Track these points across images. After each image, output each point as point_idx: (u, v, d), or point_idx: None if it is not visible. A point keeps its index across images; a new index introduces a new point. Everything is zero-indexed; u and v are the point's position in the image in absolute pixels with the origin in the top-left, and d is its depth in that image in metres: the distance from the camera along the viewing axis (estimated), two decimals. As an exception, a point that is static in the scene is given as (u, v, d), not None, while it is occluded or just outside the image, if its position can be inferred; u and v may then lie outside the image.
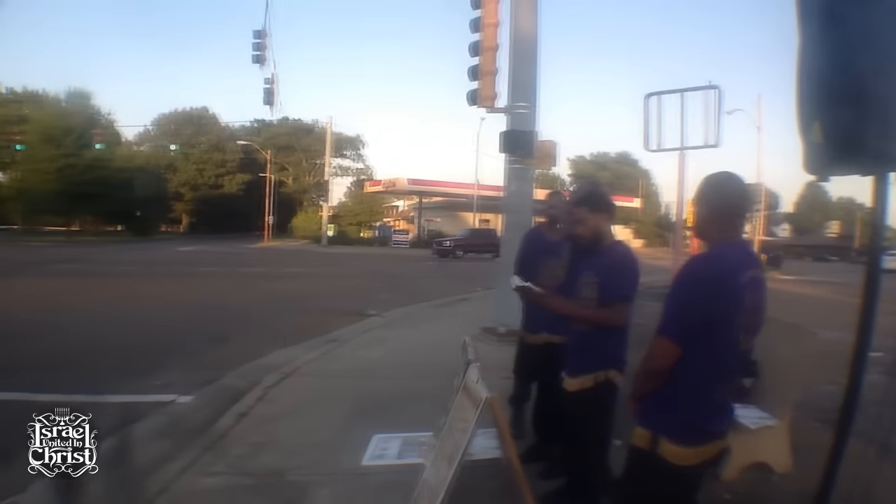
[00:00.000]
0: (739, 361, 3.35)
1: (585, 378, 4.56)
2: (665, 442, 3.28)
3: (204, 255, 46.34)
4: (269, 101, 32.34)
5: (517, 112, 13.08)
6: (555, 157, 13.93)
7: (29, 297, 19.92)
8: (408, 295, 20.79)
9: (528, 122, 13.07)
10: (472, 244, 53.19)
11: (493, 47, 13.36)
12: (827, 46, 3.67)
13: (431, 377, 8.30)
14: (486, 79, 13.30)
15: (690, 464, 3.28)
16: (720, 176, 3.39)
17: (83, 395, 8.58)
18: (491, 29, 13.35)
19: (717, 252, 3.29)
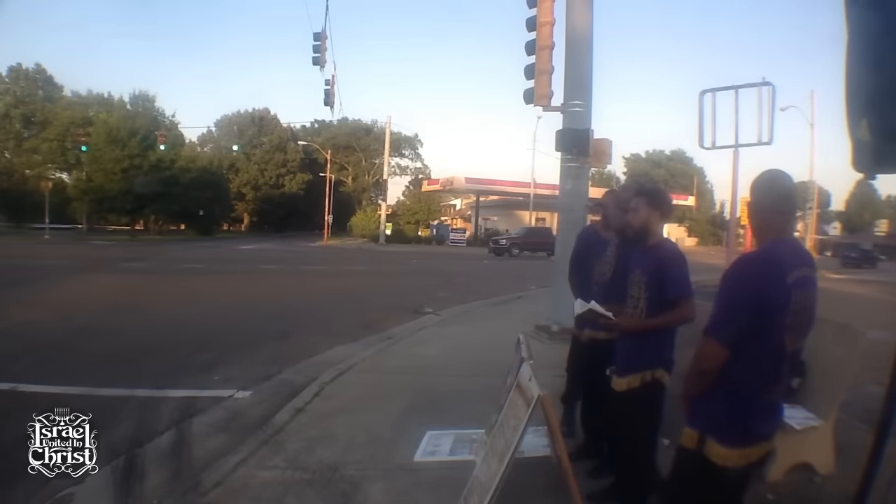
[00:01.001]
0: (789, 362, 3.28)
1: (633, 377, 4.50)
2: (712, 443, 3.24)
3: (264, 253, 46.77)
4: (329, 102, 32.54)
5: (572, 110, 12.97)
6: (610, 155, 13.79)
7: (95, 294, 20.27)
8: (464, 293, 20.78)
9: (583, 121, 12.96)
10: (527, 242, 52.93)
11: (549, 46, 13.25)
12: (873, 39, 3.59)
13: (485, 374, 8.28)
14: (541, 77, 13.21)
15: (736, 465, 3.22)
16: (769, 174, 3.33)
17: (145, 390, 8.75)
18: (546, 27, 13.25)
19: (765, 251, 3.22)
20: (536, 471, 4.49)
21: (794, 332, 3.18)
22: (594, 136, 13.14)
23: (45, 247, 49.21)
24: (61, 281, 24.51)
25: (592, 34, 13.34)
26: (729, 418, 3.22)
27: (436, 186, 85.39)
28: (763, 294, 3.04)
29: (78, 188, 79.93)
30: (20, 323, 14.17)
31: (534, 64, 13.34)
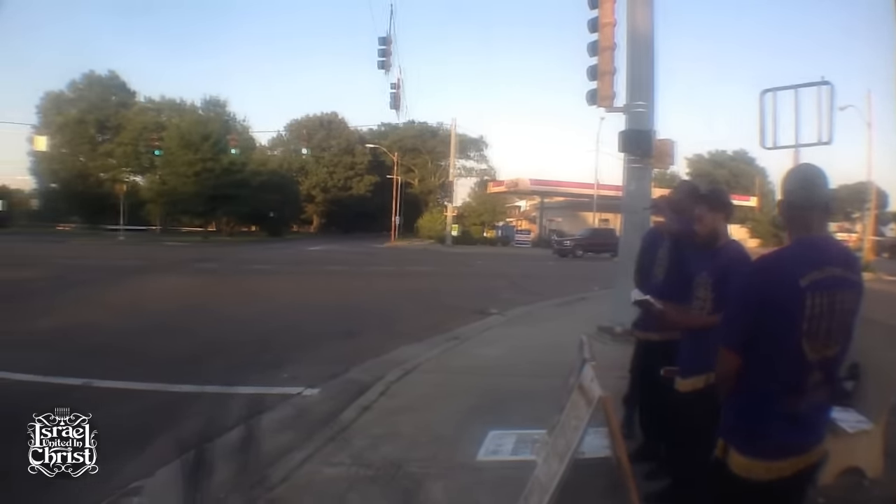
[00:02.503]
0: (823, 371, 3.11)
1: (697, 379, 4.42)
2: (732, 451, 3.09)
3: (333, 254, 47.10)
4: (396, 105, 32.79)
5: (635, 111, 12.85)
6: (672, 155, 13.65)
7: (167, 294, 20.66)
8: (528, 294, 20.72)
9: (645, 121, 12.83)
10: (591, 244, 52.51)
11: (611, 47, 13.16)
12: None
13: (548, 375, 8.24)
14: (604, 78, 13.12)
15: (761, 478, 3.01)
16: (795, 169, 3.16)
17: (215, 387, 8.89)
18: (608, 28, 13.16)
19: (777, 252, 3.07)
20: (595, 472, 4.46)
21: (816, 338, 2.93)
22: (657, 137, 13.01)
23: (119, 248, 50.24)
24: (135, 281, 25.02)
25: (654, 34, 13.20)
26: (745, 426, 3.06)
27: (501, 188, 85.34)
28: (768, 297, 2.89)
29: (152, 191, 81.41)
30: (94, 321, 14.51)
31: (596, 65, 13.25)
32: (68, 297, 19.30)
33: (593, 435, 3.97)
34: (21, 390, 8.72)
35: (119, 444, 6.57)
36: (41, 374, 9.36)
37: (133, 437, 6.87)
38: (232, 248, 55.79)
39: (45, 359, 10.41)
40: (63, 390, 8.75)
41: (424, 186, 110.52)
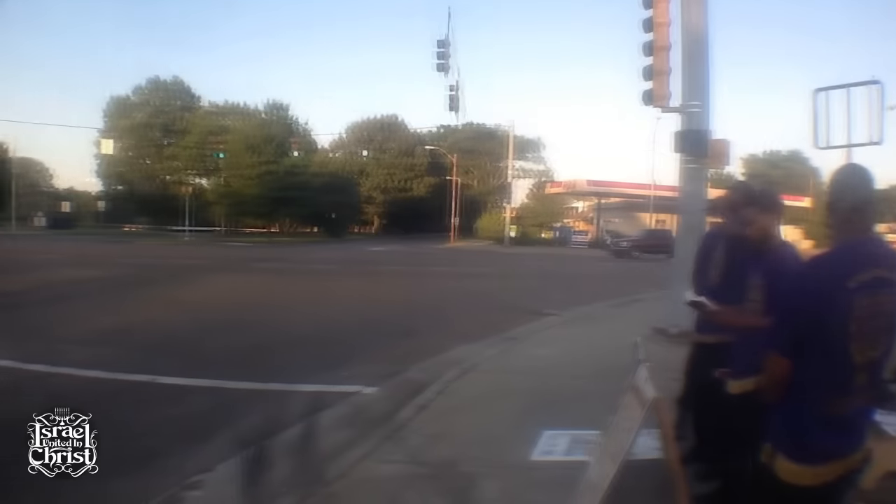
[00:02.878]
0: (867, 373, 3.05)
1: (747, 381, 4.37)
2: (780, 457, 3.05)
3: (393, 254, 47.28)
4: (454, 107, 32.79)
5: (690, 111, 12.69)
6: (728, 156, 13.46)
7: (233, 292, 20.97)
8: (584, 295, 20.60)
9: (701, 121, 12.67)
10: (647, 245, 51.94)
11: (666, 46, 13.01)
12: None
13: (603, 376, 8.18)
14: (659, 78, 12.99)
15: (806, 484, 2.95)
16: (841, 169, 3.12)
17: (277, 384, 9.01)
18: (662, 28, 13.02)
19: (825, 254, 3.02)
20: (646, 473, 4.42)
21: (863, 340, 2.88)
22: (712, 137, 12.86)
23: (185, 248, 51.02)
24: (199, 280, 25.38)
25: (708, 33, 13.05)
26: (792, 431, 3.01)
27: (559, 189, 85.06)
28: (817, 301, 2.85)
29: (216, 193, 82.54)
30: (161, 319, 14.80)
31: (651, 65, 13.13)
32: (135, 295, 19.71)
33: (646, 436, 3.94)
34: (89, 386, 8.88)
35: (182, 440, 6.72)
36: (109, 370, 9.60)
37: (195, 432, 7.00)
38: (294, 248, 56.32)
39: (112, 355, 10.71)
40: (129, 386, 8.96)
41: (483, 188, 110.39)
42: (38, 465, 4.45)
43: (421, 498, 5.25)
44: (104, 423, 7.39)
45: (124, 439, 6.71)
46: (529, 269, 35.61)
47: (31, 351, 10.68)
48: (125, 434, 6.91)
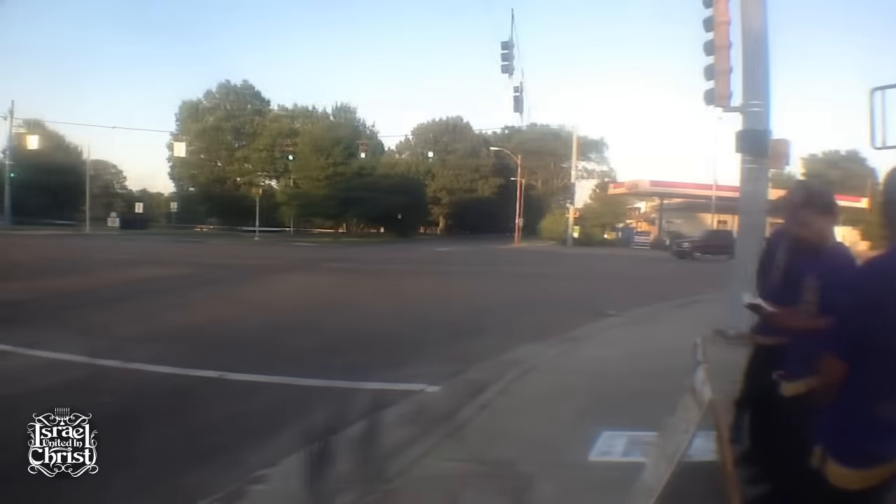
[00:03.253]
0: None
1: (801, 383, 4.32)
2: (830, 461, 3.00)
3: (458, 255, 47.38)
4: (518, 108, 32.65)
5: (751, 111, 12.51)
6: (788, 156, 13.28)
7: (301, 291, 21.25)
8: (646, 296, 20.42)
9: (761, 121, 12.49)
10: (708, 245, 51.23)
11: (726, 45, 12.85)
12: None
13: (663, 377, 8.10)
14: (720, 78, 12.84)
15: (854, 488, 2.90)
16: (892, 170, 3.08)
17: (343, 381, 9.04)
18: (722, 27, 12.87)
19: (880, 257, 2.96)
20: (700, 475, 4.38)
21: None
22: (773, 137, 12.69)
23: (254, 248, 51.74)
24: (268, 279, 25.73)
25: (767, 32, 12.85)
26: (842, 435, 2.96)
27: (621, 190, 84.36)
28: (873, 303, 2.79)
29: (286, 194, 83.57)
30: (230, 316, 15.07)
31: (713, 64, 13.00)
32: (206, 293, 20.04)
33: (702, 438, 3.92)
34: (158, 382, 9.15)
35: (248, 435, 6.83)
36: (179, 366, 9.80)
37: (262, 428, 7.12)
38: (361, 248, 56.74)
39: (182, 352, 10.92)
40: (198, 382, 9.12)
41: (547, 188, 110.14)
42: (38, 465, 4.46)
43: (479, 496, 5.28)
44: (173, 418, 7.61)
45: (192, 434, 6.89)
46: (591, 270, 35.39)
47: (103, 347, 10.92)
48: (193, 429, 7.08)
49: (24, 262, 28.98)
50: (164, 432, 6.95)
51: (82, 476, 5.60)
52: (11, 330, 12.11)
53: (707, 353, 4.33)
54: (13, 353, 10.44)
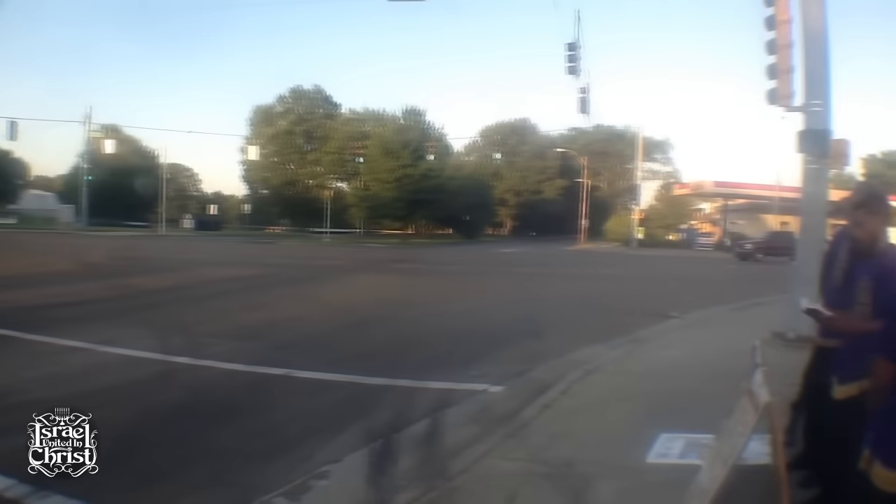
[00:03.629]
0: None
1: (851, 386, 4.25)
2: (877, 464, 2.95)
3: (523, 256, 47.33)
4: (584, 110, 32.50)
5: (812, 110, 12.31)
6: (848, 156, 13.07)
7: (369, 291, 21.47)
8: (707, 297, 20.20)
9: (822, 121, 12.27)
10: (770, 247, 50.25)
11: (787, 44, 12.64)
12: None
13: (722, 379, 8.01)
14: (782, 77, 12.64)
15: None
16: None
17: (407, 380, 9.14)
18: (784, 26, 12.67)
19: None
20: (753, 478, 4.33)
21: None
22: (833, 137, 12.48)
23: (324, 248, 52.29)
24: (337, 279, 26.00)
25: (827, 31, 12.63)
26: (888, 438, 2.93)
27: (686, 190, 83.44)
28: None
29: (355, 196, 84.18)
30: (298, 316, 15.26)
31: (775, 63, 12.82)
32: (277, 293, 20.35)
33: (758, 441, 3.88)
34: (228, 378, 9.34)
35: (313, 431, 6.93)
36: (248, 363, 9.98)
37: (326, 425, 7.21)
38: (429, 249, 56.95)
39: (253, 350, 11.11)
40: (266, 379, 9.29)
41: (612, 189, 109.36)
42: (38, 465, 4.47)
43: (538, 496, 5.29)
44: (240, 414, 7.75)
45: (258, 429, 7.02)
46: (654, 272, 35.14)
47: (176, 344, 11.25)
48: (259, 425, 7.22)
49: (101, 262, 29.68)
50: (230, 428, 7.11)
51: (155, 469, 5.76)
52: (89, 328, 12.45)
53: (765, 356, 4.29)
54: (90, 349, 10.70)
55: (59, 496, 5.03)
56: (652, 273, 34.37)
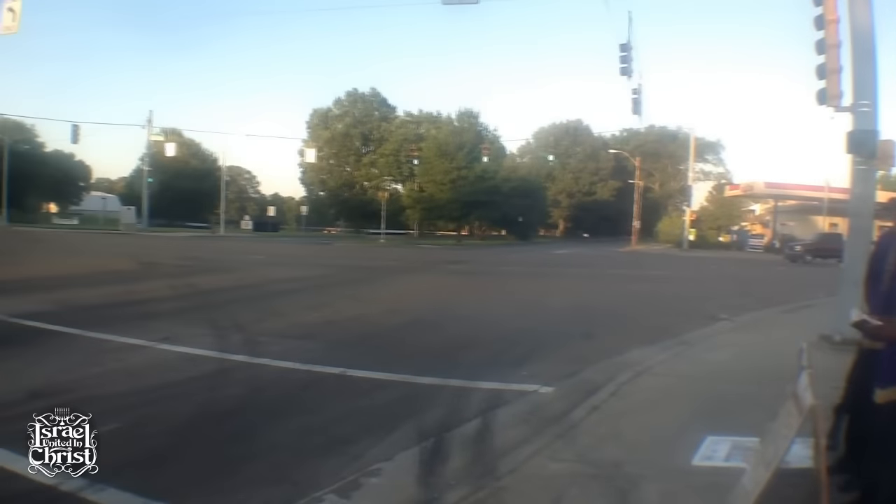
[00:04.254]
0: None
1: (893, 390, 4.21)
2: None
3: (576, 257, 47.23)
4: (637, 110, 32.33)
5: (860, 111, 12.12)
6: (894, 157, 12.86)
7: (424, 292, 21.60)
8: (756, 299, 19.99)
9: (870, 121, 12.08)
10: (819, 249, 49.43)
11: (835, 44, 12.48)
12: None
13: (769, 382, 7.93)
14: (831, 77, 12.46)
15: None
16: None
17: (459, 380, 9.17)
18: (832, 25, 12.48)
19: None
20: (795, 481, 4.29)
21: None
22: (881, 138, 12.28)
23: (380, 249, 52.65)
24: (393, 280, 26.20)
25: (874, 30, 12.43)
26: None
27: (737, 191, 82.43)
28: None
29: (411, 197, 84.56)
30: (353, 315, 15.38)
31: (824, 63, 12.66)
32: (333, 293, 20.53)
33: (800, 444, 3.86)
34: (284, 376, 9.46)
35: (366, 429, 7.00)
36: (304, 362, 10.09)
37: (379, 423, 7.26)
38: (483, 250, 57.08)
39: (309, 349, 11.24)
40: (321, 378, 9.38)
41: (664, 191, 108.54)
42: (38, 465, 4.51)
43: (584, 496, 5.30)
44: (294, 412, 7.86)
45: (312, 427, 7.11)
46: (704, 274, 34.88)
47: (234, 342, 11.46)
48: (314, 422, 7.31)
49: (162, 262, 30.18)
50: (285, 425, 7.21)
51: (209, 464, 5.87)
52: (150, 326, 12.76)
53: (811, 359, 4.26)
54: (150, 347, 10.94)
55: (114, 489, 5.16)
56: (702, 275, 34.12)
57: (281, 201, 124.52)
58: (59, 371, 9.10)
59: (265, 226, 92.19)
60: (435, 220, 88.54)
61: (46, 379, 8.62)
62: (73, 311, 14.29)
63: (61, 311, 14.18)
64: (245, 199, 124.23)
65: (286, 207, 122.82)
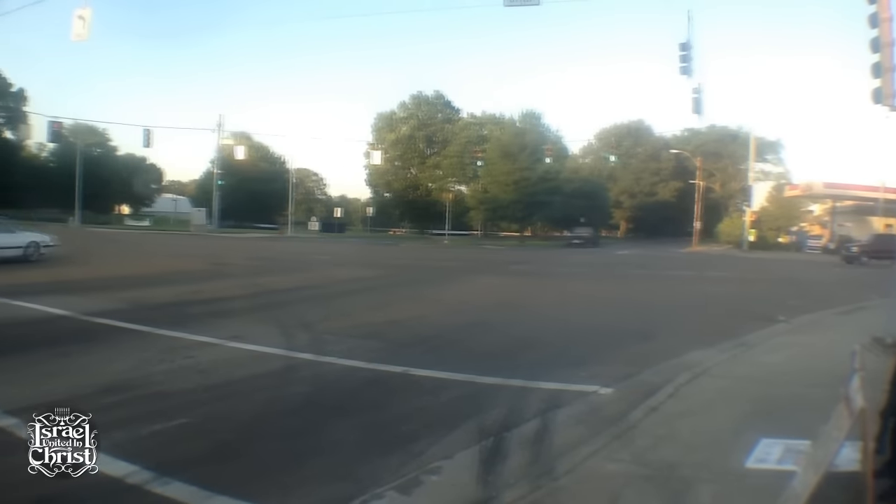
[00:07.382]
0: None
1: None
2: None
3: (637, 258, 46.84)
4: (697, 110, 31.93)
5: (913, 110, 11.94)
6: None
7: (487, 292, 21.63)
8: (814, 301, 19.63)
9: (922, 121, 11.88)
10: (874, 250, 48.02)
11: (889, 42, 12.28)
12: None
13: (824, 385, 7.86)
14: (885, 75, 12.25)
15: None
16: None
17: (519, 380, 9.22)
18: (886, 24, 12.26)
19: None
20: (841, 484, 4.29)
21: None
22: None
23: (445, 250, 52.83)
24: (457, 280, 26.26)
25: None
26: None
27: (796, 192, 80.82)
28: None
29: (474, 199, 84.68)
30: (417, 315, 15.53)
31: (879, 62, 12.43)
32: (398, 293, 20.73)
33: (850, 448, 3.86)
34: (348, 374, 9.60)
35: (427, 428, 7.10)
36: (368, 361, 10.25)
37: (440, 422, 7.37)
38: (545, 251, 56.95)
39: (374, 348, 11.38)
40: (385, 377, 9.52)
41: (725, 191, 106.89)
42: (38, 465, 4.51)
43: (639, 498, 5.34)
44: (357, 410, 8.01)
45: (374, 425, 7.25)
46: (763, 275, 34.26)
47: (301, 341, 11.66)
48: (376, 420, 7.46)
49: (232, 263, 30.68)
50: (348, 422, 7.37)
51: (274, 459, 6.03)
52: (219, 324, 13.10)
53: (864, 361, 4.25)
54: (219, 345, 11.21)
55: (179, 482, 5.33)
56: (761, 276, 33.59)
57: (348, 203, 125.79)
58: (131, 367, 9.37)
59: (332, 227, 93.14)
60: (498, 221, 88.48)
61: (118, 375, 8.91)
62: (145, 310, 14.71)
63: (134, 310, 14.60)
64: (313, 201, 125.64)
65: (353, 209, 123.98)
